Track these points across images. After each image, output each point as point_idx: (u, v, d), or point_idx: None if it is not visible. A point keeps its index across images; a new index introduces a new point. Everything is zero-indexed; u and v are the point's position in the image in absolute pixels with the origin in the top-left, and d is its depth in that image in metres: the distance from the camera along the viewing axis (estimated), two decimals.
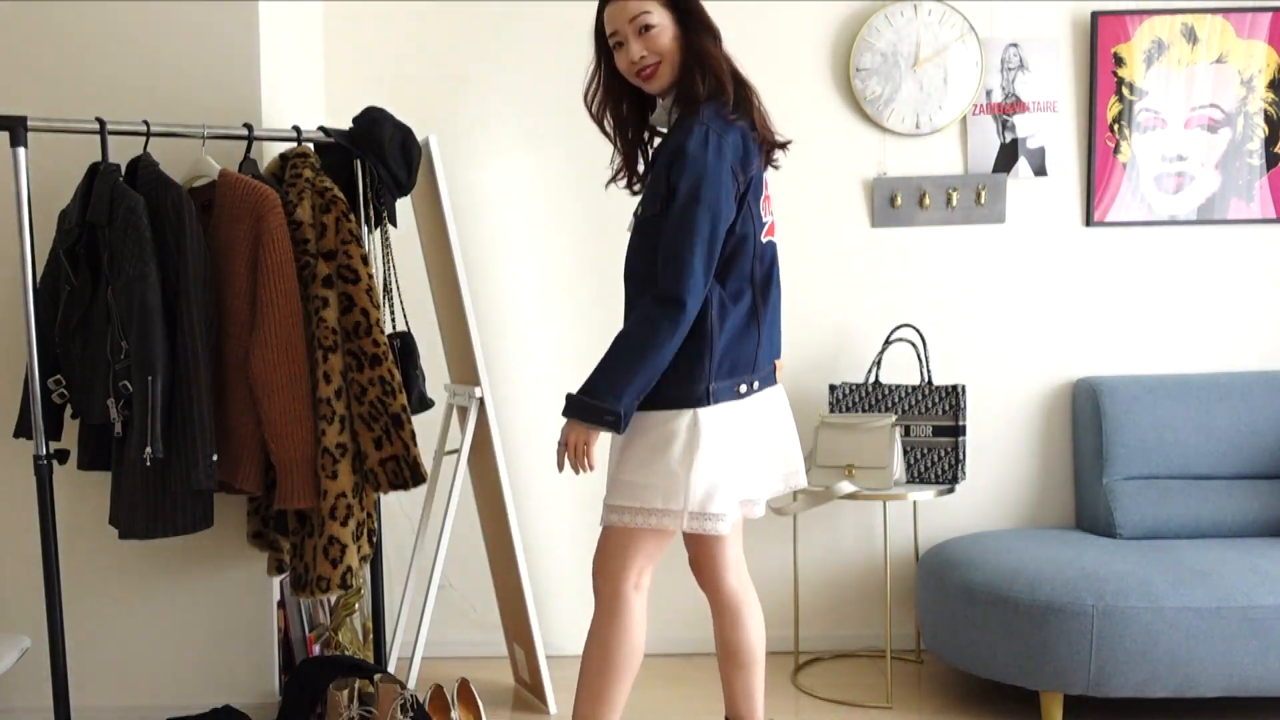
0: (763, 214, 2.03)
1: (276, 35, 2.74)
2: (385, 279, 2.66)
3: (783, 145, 2.09)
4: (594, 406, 1.90)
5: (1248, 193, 3.16)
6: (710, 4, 3.13)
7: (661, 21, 1.99)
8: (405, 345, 2.63)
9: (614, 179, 2.18)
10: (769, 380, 2.09)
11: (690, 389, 1.94)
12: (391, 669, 2.74)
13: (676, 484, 1.93)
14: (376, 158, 2.49)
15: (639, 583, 2.03)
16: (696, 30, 2.00)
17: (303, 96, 2.99)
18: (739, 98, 2.01)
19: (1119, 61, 3.14)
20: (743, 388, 2.00)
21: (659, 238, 1.93)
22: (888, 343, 3.11)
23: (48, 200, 2.45)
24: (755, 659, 2.18)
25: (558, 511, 3.24)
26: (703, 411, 1.94)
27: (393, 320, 2.66)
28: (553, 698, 2.80)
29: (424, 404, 2.64)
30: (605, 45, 2.06)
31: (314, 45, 3.13)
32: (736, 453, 1.98)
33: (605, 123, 2.13)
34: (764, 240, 2.03)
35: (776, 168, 2.11)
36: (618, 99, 2.11)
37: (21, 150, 2.10)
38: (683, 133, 1.94)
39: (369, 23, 3.20)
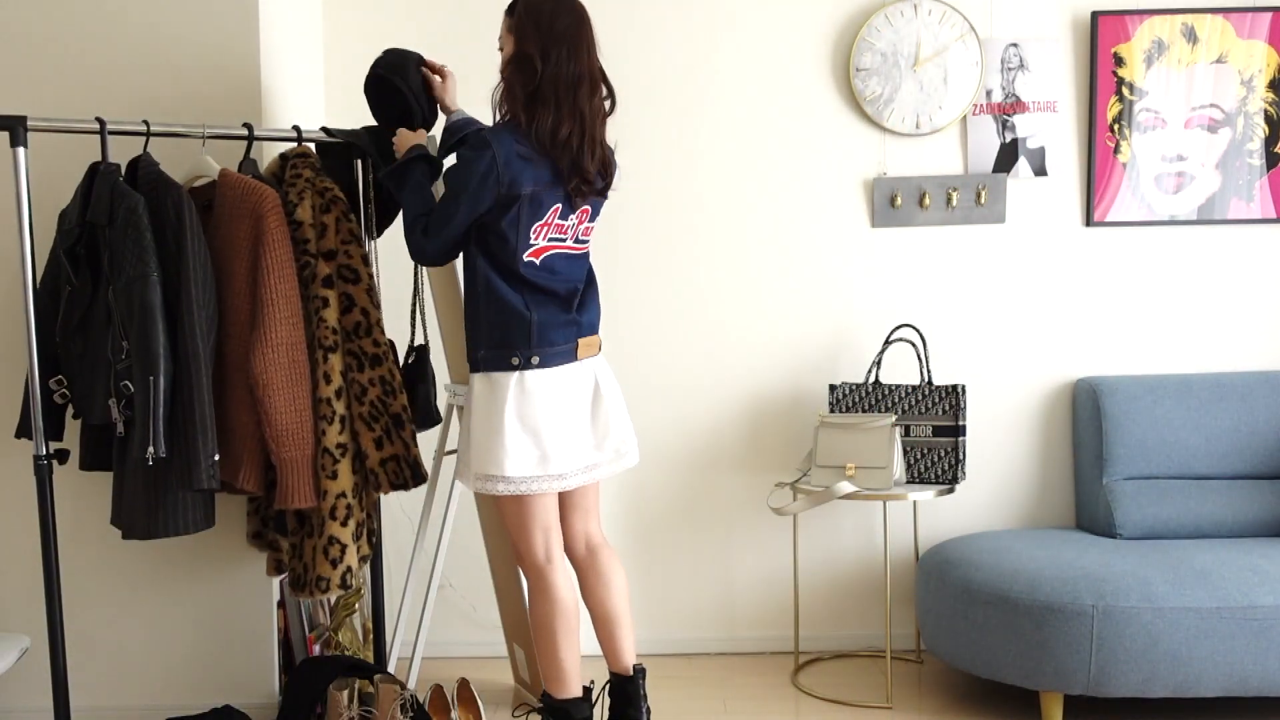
0: (531, 235, 2.25)
1: (276, 35, 2.74)
2: (415, 288, 2.71)
3: (593, 185, 2.30)
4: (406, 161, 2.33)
5: (1248, 193, 3.16)
6: (711, 3, 3.16)
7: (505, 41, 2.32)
8: (420, 359, 2.62)
9: None
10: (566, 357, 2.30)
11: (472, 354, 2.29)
12: (391, 669, 2.74)
13: (471, 445, 2.28)
14: (404, 85, 2.45)
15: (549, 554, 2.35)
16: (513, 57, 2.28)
17: (303, 96, 2.99)
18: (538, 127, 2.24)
19: (1119, 61, 3.14)
20: (515, 359, 2.24)
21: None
22: (888, 343, 3.11)
23: (48, 200, 2.45)
24: (613, 618, 2.44)
25: None
26: (478, 376, 2.27)
27: (417, 328, 2.70)
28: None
29: (431, 419, 2.63)
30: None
31: (314, 45, 3.13)
32: (523, 421, 2.23)
33: None
34: (525, 259, 2.25)
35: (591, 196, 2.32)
36: None
37: (21, 150, 2.10)
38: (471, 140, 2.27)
39: (369, 22, 3.20)
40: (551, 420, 2.25)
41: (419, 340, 2.70)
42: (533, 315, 2.24)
